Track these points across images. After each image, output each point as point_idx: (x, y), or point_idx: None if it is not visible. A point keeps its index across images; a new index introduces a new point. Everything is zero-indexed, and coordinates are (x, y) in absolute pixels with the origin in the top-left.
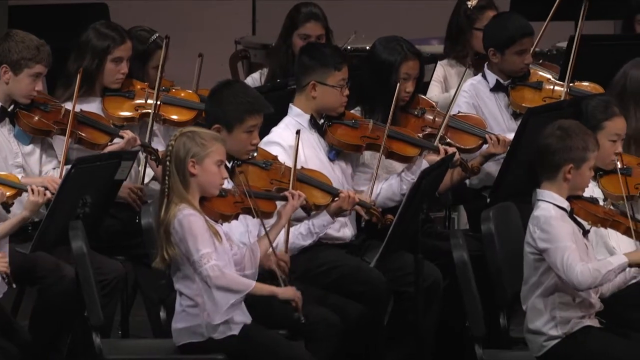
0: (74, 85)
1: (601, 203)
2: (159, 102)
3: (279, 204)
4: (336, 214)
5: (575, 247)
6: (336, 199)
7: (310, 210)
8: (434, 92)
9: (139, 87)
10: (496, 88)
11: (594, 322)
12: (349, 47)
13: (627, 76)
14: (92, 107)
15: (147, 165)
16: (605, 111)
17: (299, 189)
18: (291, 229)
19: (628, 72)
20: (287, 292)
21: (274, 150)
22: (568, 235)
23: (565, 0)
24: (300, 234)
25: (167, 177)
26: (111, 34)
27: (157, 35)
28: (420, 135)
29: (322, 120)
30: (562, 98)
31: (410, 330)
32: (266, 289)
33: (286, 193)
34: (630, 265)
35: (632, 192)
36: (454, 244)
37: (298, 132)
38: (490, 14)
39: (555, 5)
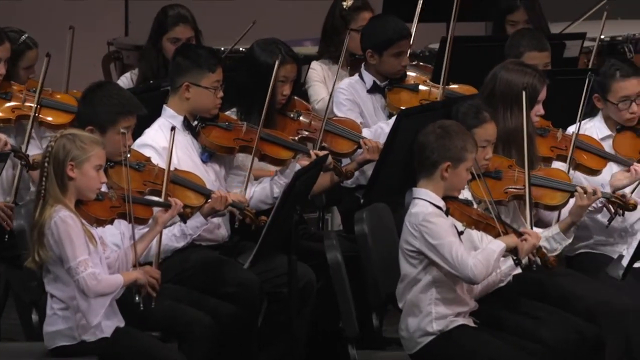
0: None
1: (474, 206)
2: (38, 106)
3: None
4: (209, 215)
5: (459, 241)
6: (209, 200)
7: (187, 217)
8: (322, 94)
9: (16, 88)
10: (373, 89)
11: (468, 322)
12: (222, 49)
13: (496, 78)
14: None
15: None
16: (475, 117)
17: (172, 190)
18: (164, 231)
19: (498, 74)
20: (150, 272)
21: (146, 152)
22: (450, 229)
23: (436, 2)
24: (174, 236)
25: (44, 179)
26: None
27: (26, 35)
28: (296, 138)
29: (195, 122)
30: (439, 100)
31: (284, 331)
32: (132, 276)
33: (170, 200)
34: (507, 249)
35: (501, 197)
36: (328, 245)
37: (173, 129)
38: (366, 15)
39: (420, 7)
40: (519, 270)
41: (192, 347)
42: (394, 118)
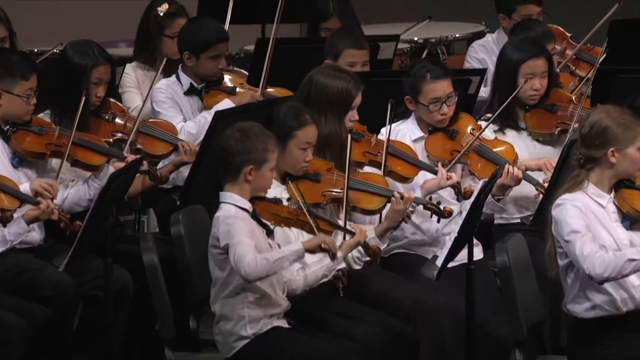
0: None
1: (285, 203)
2: None
3: None
4: (32, 222)
5: (250, 242)
6: (26, 204)
7: (7, 220)
8: (137, 101)
9: None
10: (190, 91)
11: (282, 323)
12: (35, 50)
13: (312, 82)
14: None
15: None
16: (296, 119)
17: None
18: None
19: (314, 78)
20: None
21: None
22: (245, 232)
23: (248, 4)
24: None
25: None
26: None
27: None
28: (111, 140)
29: (7, 127)
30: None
31: (100, 334)
32: None
33: None
34: (307, 251)
35: (319, 199)
36: (144, 247)
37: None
38: (181, 21)
39: (230, 7)
40: (343, 265)
41: (6, 351)
42: (215, 107)
